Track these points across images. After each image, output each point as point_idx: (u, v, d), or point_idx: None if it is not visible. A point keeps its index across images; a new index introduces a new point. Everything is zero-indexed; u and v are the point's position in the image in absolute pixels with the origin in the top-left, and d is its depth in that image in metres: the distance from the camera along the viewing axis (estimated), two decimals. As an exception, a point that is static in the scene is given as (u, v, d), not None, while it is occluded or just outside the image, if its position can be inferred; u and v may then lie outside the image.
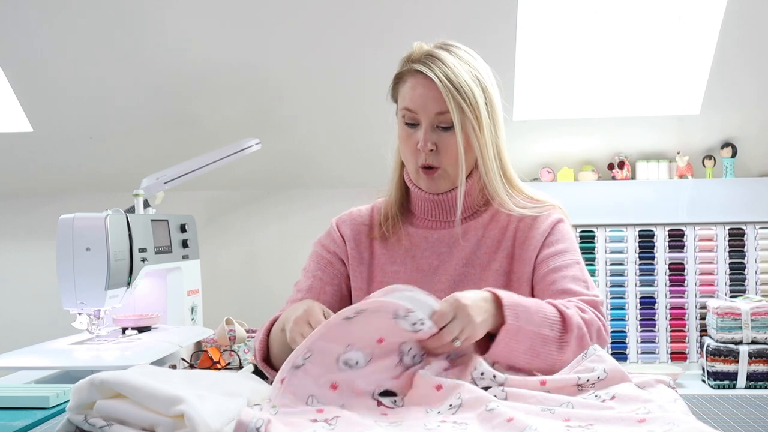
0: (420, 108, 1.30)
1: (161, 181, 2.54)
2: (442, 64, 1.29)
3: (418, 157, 1.32)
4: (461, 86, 1.29)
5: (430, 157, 1.30)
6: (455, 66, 1.30)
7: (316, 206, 3.18)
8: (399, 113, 1.35)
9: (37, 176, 3.27)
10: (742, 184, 2.94)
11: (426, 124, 1.30)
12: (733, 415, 1.31)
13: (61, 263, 1.84)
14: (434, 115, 1.29)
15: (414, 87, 1.31)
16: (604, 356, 1.06)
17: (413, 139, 1.31)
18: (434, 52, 1.32)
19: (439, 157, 1.31)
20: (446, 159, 1.31)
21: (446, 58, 1.30)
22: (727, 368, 2.68)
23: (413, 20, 2.62)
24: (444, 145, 1.30)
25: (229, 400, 1.05)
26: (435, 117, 1.29)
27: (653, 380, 1.07)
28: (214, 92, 2.92)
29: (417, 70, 1.30)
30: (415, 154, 1.32)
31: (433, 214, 1.38)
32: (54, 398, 1.36)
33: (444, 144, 1.30)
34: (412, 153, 1.32)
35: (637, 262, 2.96)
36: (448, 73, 1.29)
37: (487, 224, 1.36)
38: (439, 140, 1.30)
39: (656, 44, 2.81)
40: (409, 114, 1.31)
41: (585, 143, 3.08)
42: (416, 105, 1.30)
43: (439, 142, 1.30)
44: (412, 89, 1.31)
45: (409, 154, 1.33)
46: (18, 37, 2.74)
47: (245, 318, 2.48)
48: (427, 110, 1.29)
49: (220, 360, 2.04)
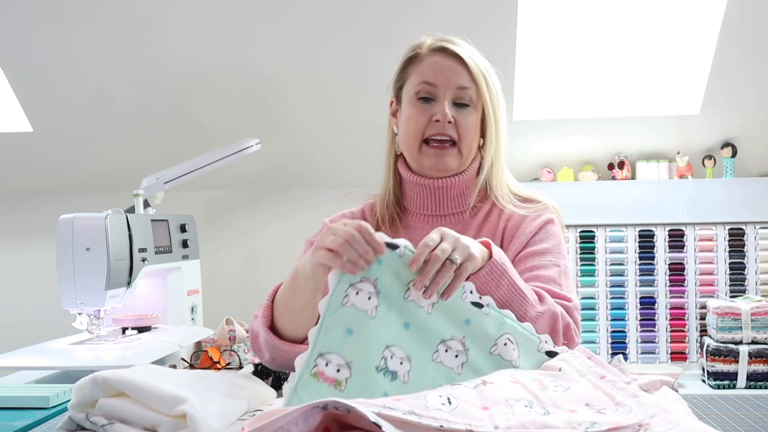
0: (442, 80, 1.29)
1: (161, 181, 2.54)
2: (467, 46, 1.32)
3: (428, 129, 1.30)
4: (487, 68, 1.32)
5: (448, 128, 1.29)
6: (476, 51, 1.33)
7: (316, 206, 3.17)
8: (411, 89, 1.32)
9: (37, 176, 3.27)
10: (742, 184, 2.94)
11: (448, 96, 1.29)
12: (733, 415, 1.31)
13: (61, 263, 1.84)
14: (455, 88, 1.29)
15: (436, 62, 1.30)
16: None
17: (426, 114, 1.30)
18: (453, 38, 1.33)
19: (454, 129, 1.30)
20: (463, 134, 1.30)
21: (465, 44, 1.33)
22: (727, 368, 2.68)
23: (413, 20, 2.62)
24: (462, 121, 1.30)
25: (229, 400, 1.05)
26: (455, 91, 1.29)
27: (658, 382, 1.07)
28: (214, 92, 2.92)
29: (438, 48, 1.31)
30: (424, 128, 1.30)
31: (428, 207, 1.36)
32: (54, 398, 1.36)
33: (462, 120, 1.30)
34: (422, 128, 1.30)
35: (637, 262, 2.96)
36: (472, 54, 1.31)
37: (481, 224, 1.35)
38: (458, 115, 1.30)
39: (656, 44, 2.82)
40: (427, 88, 1.30)
41: (585, 143, 3.08)
42: (438, 77, 1.29)
43: (457, 117, 1.29)
44: (434, 64, 1.30)
45: (418, 129, 1.31)
46: (18, 37, 2.74)
47: (245, 318, 2.47)
48: (449, 83, 1.29)
49: (220, 360, 2.04)
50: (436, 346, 1.01)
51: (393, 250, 0.99)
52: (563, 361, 1.01)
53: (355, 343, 0.95)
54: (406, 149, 1.35)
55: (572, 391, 0.90)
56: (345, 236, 0.98)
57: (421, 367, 0.98)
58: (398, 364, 0.97)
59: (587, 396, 0.90)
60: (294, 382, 0.91)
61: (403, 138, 1.34)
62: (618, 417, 0.84)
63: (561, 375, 0.96)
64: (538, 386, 0.90)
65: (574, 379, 0.95)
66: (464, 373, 1.00)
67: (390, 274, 0.99)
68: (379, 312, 0.97)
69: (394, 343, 0.97)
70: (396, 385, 0.95)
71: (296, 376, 0.91)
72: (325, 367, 0.92)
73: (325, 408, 0.74)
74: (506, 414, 0.82)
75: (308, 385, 0.91)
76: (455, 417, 0.79)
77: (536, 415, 0.83)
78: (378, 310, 0.97)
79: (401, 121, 1.35)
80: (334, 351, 0.93)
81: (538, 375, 0.95)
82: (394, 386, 0.95)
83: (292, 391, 0.90)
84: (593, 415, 0.84)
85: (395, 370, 0.96)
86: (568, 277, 1.28)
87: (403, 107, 1.34)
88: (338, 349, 0.93)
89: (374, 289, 0.98)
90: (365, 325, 0.96)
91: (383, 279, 0.98)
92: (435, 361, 1.00)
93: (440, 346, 1.01)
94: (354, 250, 0.97)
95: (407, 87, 1.34)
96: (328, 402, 0.74)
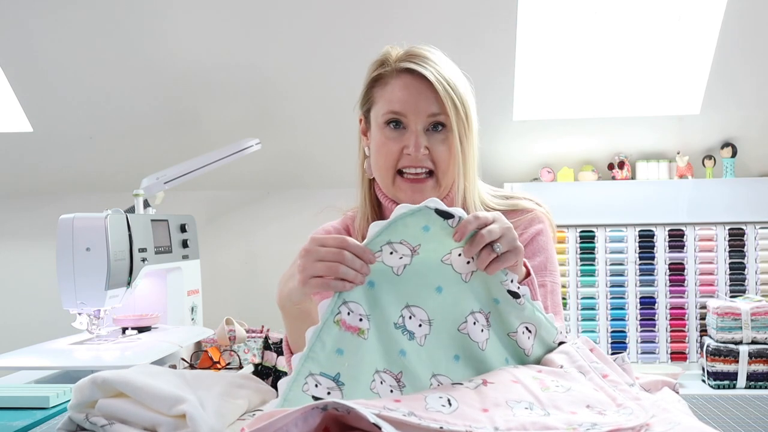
0: (411, 109, 1.19)
1: (161, 181, 2.54)
2: (433, 63, 1.20)
3: (400, 160, 1.21)
4: (456, 86, 1.21)
5: (423, 160, 1.21)
6: (446, 64, 1.22)
7: (316, 206, 3.12)
8: (378, 118, 1.24)
9: (37, 176, 3.27)
10: (742, 184, 2.94)
11: (419, 126, 1.20)
12: (733, 415, 1.31)
13: (61, 263, 1.84)
14: (426, 116, 1.20)
15: (403, 87, 1.20)
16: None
17: (397, 143, 1.21)
18: (419, 51, 1.22)
19: (429, 162, 1.21)
20: (439, 163, 1.21)
21: (434, 56, 1.22)
22: (727, 368, 2.68)
23: (413, 20, 2.63)
24: (436, 149, 1.21)
25: (229, 400, 1.05)
26: (426, 119, 1.20)
27: (659, 382, 1.07)
28: (214, 92, 2.92)
29: (404, 70, 1.21)
30: (396, 159, 1.21)
31: None
32: (54, 398, 1.36)
33: (436, 147, 1.21)
34: (394, 159, 1.21)
35: (637, 262, 2.96)
36: (442, 72, 1.20)
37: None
38: (432, 143, 1.21)
39: (656, 44, 2.82)
40: (395, 117, 1.21)
41: (585, 143, 3.08)
42: (407, 107, 1.19)
43: (430, 146, 1.21)
44: (401, 89, 1.20)
45: (389, 161, 1.22)
46: (18, 37, 2.74)
47: (245, 318, 2.48)
48: (419, 111, 1.19)
49: (220, 360, 2.04)
50: (465, 316, 0.98)
51: (445, 220, 0.94)
52: (565, 354, 1.01)
53: (375, 295, 0.94)
54: (379, 179, 1.27)
55: (573, 392, 0.90)
56: (335, 258, 0.91)
57: (441, 333, 0.96)
58: (416, 326, 0.95)
59: (588, 397, 0.90)
60: (318, 327, 0.90)
61: (375, 167, 1.26)
62: (619, 418, 0.84)
63: (562, 374, 0.96)
64: (539, 386, 0.90)
65: (575, 379, 0.95)
66: (488, 349, 0.99)
67: (435, 240, 0.95)
68: (406, 271, 0.95)
69: (418, 304, 0.95)
70: (412, 345, 0.95)
71: (320, 322, 0.90)
72: (347, 315, 0.91)
73: (324, 409, 0.74)
74: (506, 415, 0.82)
75: (331, 332, 0.90)
76: (455, 419, 0.80)
77: (537, 417, 0.83)
78: (406, 269, 0.95)
79: (372, 147, 1.26)
80: (357, 300, 0.92)
81: (539, 374, 0.95)
82: (411, 346, 0.94)
83: (315, 336, 0.89)
84: (594, 417, 0.85)
85: (413, 330, 0.95)
86: (556, 295, 1.24)
87: (373, 132, 1.26)
88: (360, 300, 0.92)
89: (410, 252, 0.94)
90: (388, 280, 0.94)
91: (425, 245, 0.95)
92: (461, 332, 0.98)
93: (469, 317, 0.98)
94: (349, 270, 0.91)
95: (374, 112, 1.25)
96: (327, 403, 0.74)
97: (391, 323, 0.94)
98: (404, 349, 0.94)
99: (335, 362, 0.89)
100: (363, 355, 0.91)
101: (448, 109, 1.19)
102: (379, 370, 0.92)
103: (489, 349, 0.99)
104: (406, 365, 0.94)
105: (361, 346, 0.91)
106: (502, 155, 3.06)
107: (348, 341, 0.90)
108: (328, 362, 0.88)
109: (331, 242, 0.93)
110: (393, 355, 0.94)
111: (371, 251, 0.94)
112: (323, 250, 0.93)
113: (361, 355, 0.90)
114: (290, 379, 0.87)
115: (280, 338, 2.10)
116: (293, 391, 0.86)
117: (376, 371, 0.92)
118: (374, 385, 0.91)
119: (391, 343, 0.94)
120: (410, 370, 0.94)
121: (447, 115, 1.20)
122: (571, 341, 1.05)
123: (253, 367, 2.05)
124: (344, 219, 1.39)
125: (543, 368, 0.99)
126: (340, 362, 0.89)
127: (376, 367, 0.92)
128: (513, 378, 0.92)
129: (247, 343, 2.11)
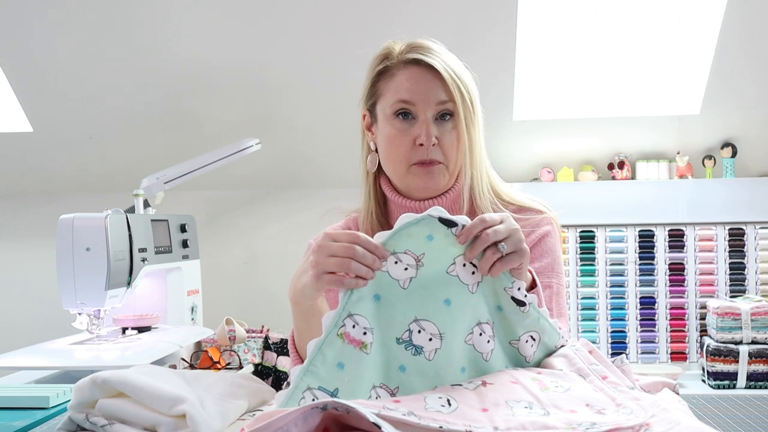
0: (421, 98, 1.21)
1: (161, 181, 2.54)
2: (438, 53, 1.23)
3: (413, 153, 1.22)
4: (461, 75, 1.23)
5: (434, 152, 1.22)
6: (450, 55, 1.25)
7: (316, 206, 3.17)
8: (387, 110, 1.24)
9: (37, 176, 3.27)
10: (742, 184, 2.94)
11: (428, 114, 1.21)
12: (733, 415, 1.31)
13: (61, 263, 1.84)
14: (435, 104, 1.21)
15: (410, 77, 1.22)
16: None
17: (408, 135, 1.22)
18: (423, 42, 1.25)
19: (439, 151, 1.22)
20: (448, 152, 1.23)
21: (438, 47, 1.24)
22: (727, 368, 2.68)
23: (413, 20, 2.62)
24: (445, 138, 1.22)
25: (229, 400, 1.05)
26: (435, 107, 1.21)
27: (660, 383, 1.07)
28: (214, 92, 2.92)
29: (410, 61, 1.23)
30: (409, 151, 1.22)
31: None
32: (54, 398, 1.36)
33: (445, 136, 1.22)
34: (406, 150, 1.23)
35: (637, 262, 2.96)
36: (447, 61, 1.23)
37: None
38: (441, 133, 1.22)
39: (656, 44, 2.82)
40: (404, 107, 1.22)
41: (585, 143, 3.08)
42: (416, 95, 1.21)
43: (440, 135, 1.22)
44: (409, 80, 1.22)
45: (402, 152, 1.23)
46: (18, 37, 2.74)
47: (245, 318, 2.48)
48: (428, 100, 1.21)
49: (220, 360, 2.04)
50: (471, 327, 0.97)
51: (449, 228, 0.93)
52: (564, 357, 1.01)
53: (380, 309, 0.93)
54: (391, 170, 1.27)
55: (572, 392, 0.90)
56: (346, 254, 0.91)
57: (452, 347, 0.95)
58: (426, 340, 0.94)
59: (588, 396, 0.90)
60: (320, 340, 0.89)
61: (387, 159, 1.27)
62: (618, 418, 0.84)
63: (561, 375, 0.96)
64: (538, 386, 0.90)
65: (574, 380, 0.95)
66: (492, 361, 0.98)
67: (438, 249, 0.95)
68: (412, 284, 0.94)
69: (427, 318, 0.94)
70: (419, 360, 0.93)
71: (323, 334, 0.90)
72: (351, 328, 0.90)
73: (324, 408, 0.74)
74: (506, 415, 0.82)
75: (333, 345, 0.89)
76: (455, 418, 0.80)
77: (536, 416, 0.83)
78: (412, 282, 0.94)
79: (380, 140, 1.27)
80: (362, 314, 0.91)
81: (538, 375, 0.95)
82: (416, 361, 0.93)
83: (317, 349, 0.89)
84: (593, 416, 0.84)
85: (421, 345, 0.94)
86: (561, 297, 1.24)
87: (381, 125, 1.27)
88: (366, 313, 0.92)
89: (415, 262, 0.94)
90: (394, 294, 0.93)
91: (429, 254, 0.94)
92: (467, 343, 0.97)
93: (475, 328, 0.97)
94: (361, 266, 0.91)
95: (382, 104, 1.26)
96: (327, 402, 0.74)
97: (393, 338, 0.93)
98: (404, 365, 0.93)
99: (335, 376, 0.88)
100: (363, 369, 0.90)
101: (455, 97, 1.21)
102: (375, 385, 0.92)
103: (492, 360, 0.98)
104: (404, 381, 0.93)
105: (363, 361, 0.90)
106: (502, 155, 3.06)
107: (350, 355, 0.90)
108: (327, 376, 0.88)
109: (343, 237, 0.93)
110: (392, 371, 0.93)
111: (384, 247, 0.93)
112: (335, 246, 0.93)
113: (361, 370, 0.90)
114: (288, 393, 0.87)
115: (280, 338, 2.10)
116: (290, 405, 0.86)
117: (373, 386, 0.92)
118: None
119: (392, 358, 0.93)
120: (408, 385, 0.93)
121: (455, 103, 1.22)
122: (570, 344, 1.05)
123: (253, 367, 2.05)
124: (347, 221, 1.39)
125: (542, 370, 0.99)
126: (340, 377, 0.88)
127: (374, 382, 0.92)
128: (512, 378, 0.92)
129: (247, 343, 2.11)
